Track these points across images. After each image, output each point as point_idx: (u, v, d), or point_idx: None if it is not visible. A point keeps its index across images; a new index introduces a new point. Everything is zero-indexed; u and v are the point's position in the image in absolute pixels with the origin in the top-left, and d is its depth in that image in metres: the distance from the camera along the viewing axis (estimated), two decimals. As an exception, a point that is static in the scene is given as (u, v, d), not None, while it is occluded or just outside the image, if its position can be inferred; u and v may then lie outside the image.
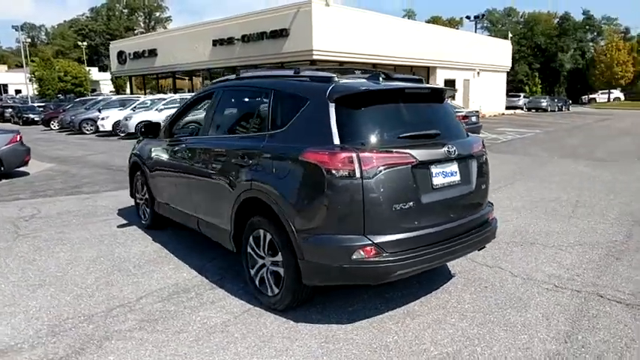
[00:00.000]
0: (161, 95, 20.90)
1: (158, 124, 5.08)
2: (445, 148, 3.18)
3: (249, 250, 3.54)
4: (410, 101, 3.30)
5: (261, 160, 3.30)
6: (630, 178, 8.39)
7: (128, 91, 36.00)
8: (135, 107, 18.33)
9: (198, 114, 4.88)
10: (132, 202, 6.02)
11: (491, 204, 3.77)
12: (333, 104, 3.00)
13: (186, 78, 28.44)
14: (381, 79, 3.35)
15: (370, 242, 2.84)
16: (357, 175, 2.80)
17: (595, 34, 65.28)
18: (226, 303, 3.53)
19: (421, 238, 2.99)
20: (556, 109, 36.91)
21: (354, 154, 2.82)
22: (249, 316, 3.30)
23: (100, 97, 27.19)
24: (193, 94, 5.14)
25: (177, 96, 19.46)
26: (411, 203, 2.95)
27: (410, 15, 75.05)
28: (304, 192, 2.98)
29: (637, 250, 4.54)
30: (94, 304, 3.55)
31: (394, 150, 2.94)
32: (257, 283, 3.49)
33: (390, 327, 3.12)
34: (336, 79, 3.18)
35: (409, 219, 2.96)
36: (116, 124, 18.16)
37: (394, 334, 3.02)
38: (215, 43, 22.61)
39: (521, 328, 3.07)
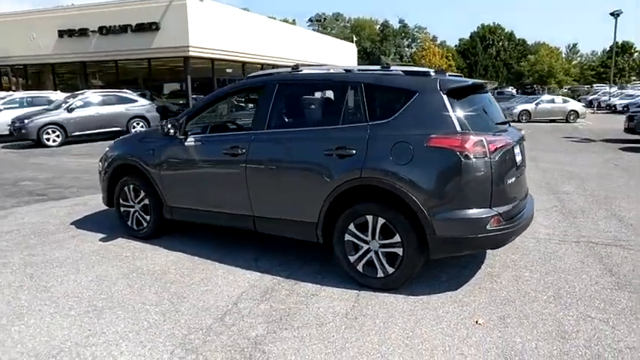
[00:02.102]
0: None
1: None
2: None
3: (348, 237, 3.62)
4: (482, 93, 3.82)
5: (371, 149, 3.44)
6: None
7: None
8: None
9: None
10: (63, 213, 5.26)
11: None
12: (445, 95, 3.35)
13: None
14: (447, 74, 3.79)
15: (497, 213, 3.28)
16: (487, 156, 3.22)
17: (410, 40, 75.43)
18: (330, 292, 3.57)
19: (515, 208, 3.54)
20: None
21: (482, 138, 3.23)
22: (366, 300, 3.42)
23: None
24: (220, 89, 4.76)
25: (18, 94, 16.66)
26: (513, 178, 3.48)
27: (247, 15, 75.72)
28: (435, 174, 3.26)
29: (578, 211, 5.86)
30: (198, 321, 3.24)
31: (499, 134, 3.43)
32: (360, 268, 3.61)
33: (486, 285, 3.60)
34: (433, 73, 3.53)
35: (511, 192, 3.48)
36: None
37: (496, 289, 3.51)
38: (62, 33, 19.69)
39: (577, 269, 3.87)
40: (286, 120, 4.12)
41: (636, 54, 59.38)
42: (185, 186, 4.47)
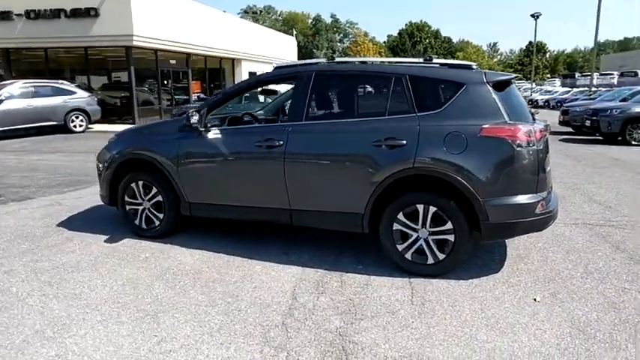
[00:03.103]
0: None
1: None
2: None
3: (396, 227, 3.69)
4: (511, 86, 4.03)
5: (423, 140, 3.52)
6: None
7: None
8: None
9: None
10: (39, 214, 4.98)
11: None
12: (492, 88, 3.52)
13: None
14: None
15: (542, 198, 3.51)
16: (534, 144, 3.43)
17: (342, 35, 76.55)
18: (381, 282, 3.61)
19: (550, 194, 3.79)
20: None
21: (530, 127, 3.43)
22: (421, 286, 3.52)
23: None
24: (245, 80, 4.56)
25: None
26: (549, 166, 3.73)
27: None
28: (490, 162, 3.41)
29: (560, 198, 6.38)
30: (267, 318, 3.15)
31: (536, 123, 3.66)
32: (409, 256, 3.70)
33: (521, 267, 3.85)
34: (475, 66, 3.69)
35: (549, 178, 3.72)
36: None
37: (532, 269, 3.77)
38: (-21, 17, 17.65)
39: (590, 248, 4.24)
40: (326, 111, 4.09)
41: (548, 53, 64.91)
42: (208, 180, 4.28)
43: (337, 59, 4.14)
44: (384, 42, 76.16)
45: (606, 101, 13.95)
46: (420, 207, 3.59)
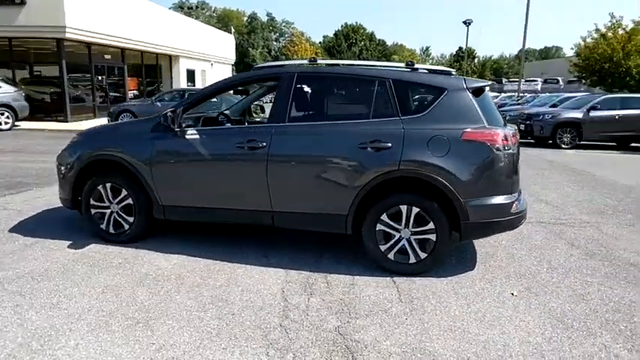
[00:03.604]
0: None
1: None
2: None
3: (380, 227, 3.81)
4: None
5: (408, 142, 3.65)
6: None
7: None
8: None
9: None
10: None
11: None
12: (471, 94, 3.74)
13: None
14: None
15: (515, 198, 3.78)
16: (511, 148, 3.68)
17: (278, 34, 76.21)
18: (366, 281, 3.71)
19: (520, 195, 4.06)
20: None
21: (507, 132, 3.68)
22: (405, 285, 3.65)
23: None
24: (223, 80, 4.41)
25: None
26: (520, 168, 4.01)
27: None
28: (470, 165, 3.61)
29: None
30: (264, 321, 3.13)
31: (510, 129, 3.93)
32: (392, 256, 3.83)
33: (493, 264, 4.12)
34: (454, 72, 3.90)
35: (519, 180, 3.99)
36: None
37: (503, 266, 4.06)
38: None
39: (548, 245, 4.62)
40: (309, 113, 4.12)
41: (477, 59, 68.81)
42: (185, 182, 4.16)
43: (319, 61, 4.17)
44: (320, 42, 76.87)
45: (537, 106, 15.09)
46: (404, 208, 3.73)
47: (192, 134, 4.11)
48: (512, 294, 3.53)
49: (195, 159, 4.09)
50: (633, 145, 13.97)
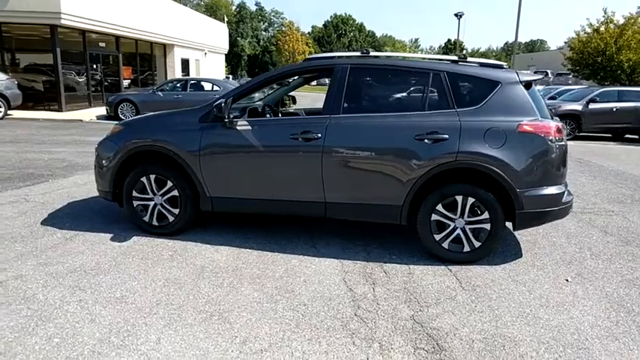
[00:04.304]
0: None
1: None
2: None
3: (435, 217, 3.86)
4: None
5: (465, 134, 3.70)
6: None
7: None
8: None
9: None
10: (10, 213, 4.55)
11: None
12: (524, 87, 3.79)
13: None
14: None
15: (566, 188, 3.87)
16: (562, 140, 3.76)
17: (267, 24, 75.59)
18: (422, 270, 3.76)
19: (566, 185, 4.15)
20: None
21: (559, 124, 3.76)
22: (462, 273, 3.72)
23: None
24: (274, 71, 4.37)
25: None
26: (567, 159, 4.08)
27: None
28: (526, 156, 3.67)
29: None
30: (336, 311, 3.17)
31: (557, 121, 4.00)
32: (446, 245, 3.89)
33: (538, 251, 4.22)
34: (505, 66, 3.95)
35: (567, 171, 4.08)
36: None
37: (548, 253, 4.15)
38: None
39: (584, 233, 4.74)
40: (363, 104, 4.12)
41: (465, 51, 69.33)
42: (235, 174, 4.14)
43: (372, 53, 4.17)
44: (309, 33, 76.45)
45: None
46: (459, 198, 3.78)
47: (243, 125, 4.09)
48: (567, 280, 3.63)
49: (246, 150, 4.06)
50: (628, 136, 14.31)
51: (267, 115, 4.78)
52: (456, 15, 34.14)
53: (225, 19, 38.76)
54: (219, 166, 4.14)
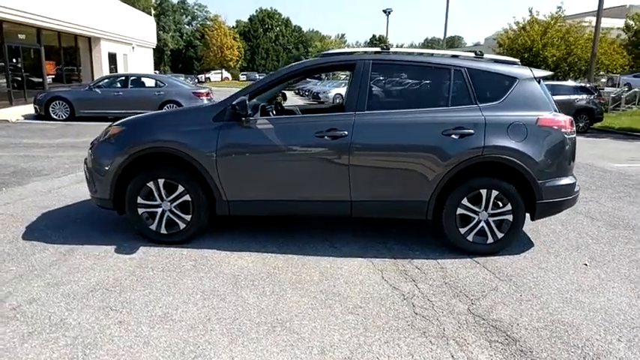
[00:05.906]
0: None
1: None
2: None
3: (460, 211, 3.95)
4: None
5: (489, 129, 3.81)
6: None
7: None
8: None
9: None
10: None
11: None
12: (538, 82, 3.99)
13: None
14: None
15: (575, 179, 4.13)
16: (574, 133, 4.01)
17: (190, 17, 72.79)
18: (452, 264, 3.84)
19: None
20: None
21: (571, 119, 3.99)
22: (489, 264, 3.85)
23: None
24: (290, 67, 4.14)
25: None
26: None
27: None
28: (545, 149, 3.85)
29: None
30: (394, 312, 3.13)
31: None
32: (471, 237, 4.00)
33: (544, 239, 4.47)
34: (518, 62, 4.13)
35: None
36: None
37: (553, 240, 4.43)
38: None
39: (574, 219, 5.10)
40: (387, 100, 4.09)
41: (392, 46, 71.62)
42: (256, 175, 3.94)
43: (391, 49, 4.15)
44: (234, 27, 74.79)
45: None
46: (484, 191, 3.90)
47: (263, 123, 3.90)
48: (585, 264, 3.88)
49: (269, 149, 3.89)
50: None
51: (271, 113, 4.60)
52: (384, 11, 35.14)
53: (153, 12, 36.82)
54: (239, 168, 3.92)
